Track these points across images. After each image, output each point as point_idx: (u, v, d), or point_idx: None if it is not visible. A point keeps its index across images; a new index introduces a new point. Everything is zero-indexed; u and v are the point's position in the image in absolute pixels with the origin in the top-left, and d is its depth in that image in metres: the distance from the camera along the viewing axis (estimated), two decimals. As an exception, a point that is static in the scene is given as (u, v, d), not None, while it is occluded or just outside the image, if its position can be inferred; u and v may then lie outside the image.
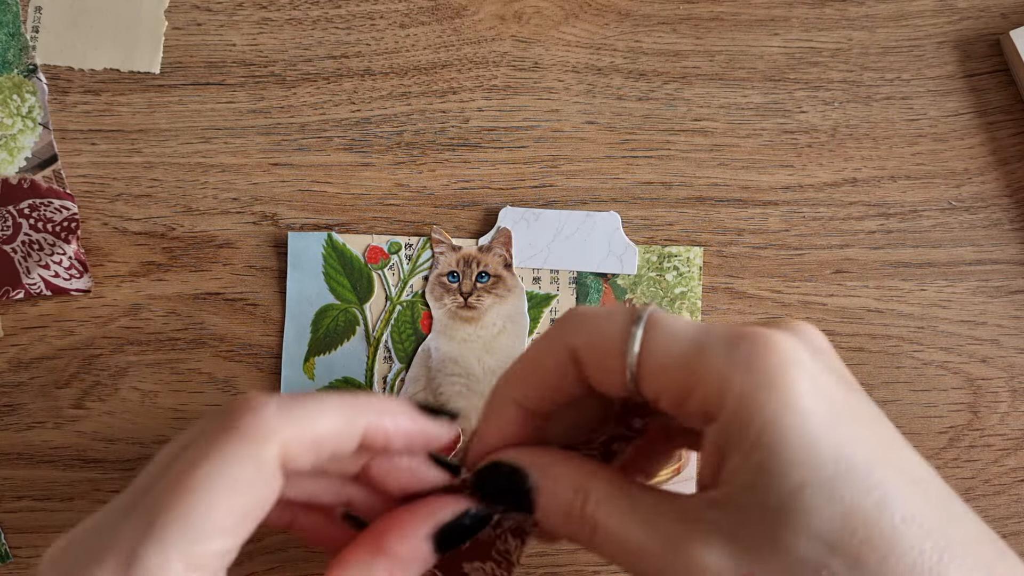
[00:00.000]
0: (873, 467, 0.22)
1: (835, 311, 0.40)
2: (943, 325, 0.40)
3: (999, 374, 0.40)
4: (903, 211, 0.40)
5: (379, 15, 0.40)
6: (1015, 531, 0.39)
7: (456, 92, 0.40)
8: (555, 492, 0.26)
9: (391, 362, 0.39)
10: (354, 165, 0.40)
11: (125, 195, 0.39)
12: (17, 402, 0.38)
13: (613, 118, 0.40)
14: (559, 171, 0.40)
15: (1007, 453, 0.40)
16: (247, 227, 0.39)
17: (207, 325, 0.39)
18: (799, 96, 0.41)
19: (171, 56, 0.40)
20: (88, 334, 0.39)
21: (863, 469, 0.22)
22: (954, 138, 0.41)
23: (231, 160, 0.39)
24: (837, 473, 0.22)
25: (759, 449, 0.22)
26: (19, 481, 0.38)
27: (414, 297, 0.39)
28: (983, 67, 0.41)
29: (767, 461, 0.22)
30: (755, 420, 0.22)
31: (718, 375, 0.23)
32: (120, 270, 0.39)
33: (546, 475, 0.26)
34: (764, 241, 0.40)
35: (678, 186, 0.40)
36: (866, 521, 0.21)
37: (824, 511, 0.21)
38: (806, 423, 0.22)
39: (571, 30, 0.40)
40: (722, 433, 0.23)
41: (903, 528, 0.21)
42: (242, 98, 0.40)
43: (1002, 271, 0.40)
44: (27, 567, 0.38)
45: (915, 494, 0.22)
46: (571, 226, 0.39)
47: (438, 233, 0.39)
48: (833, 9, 0.41)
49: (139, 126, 0.39)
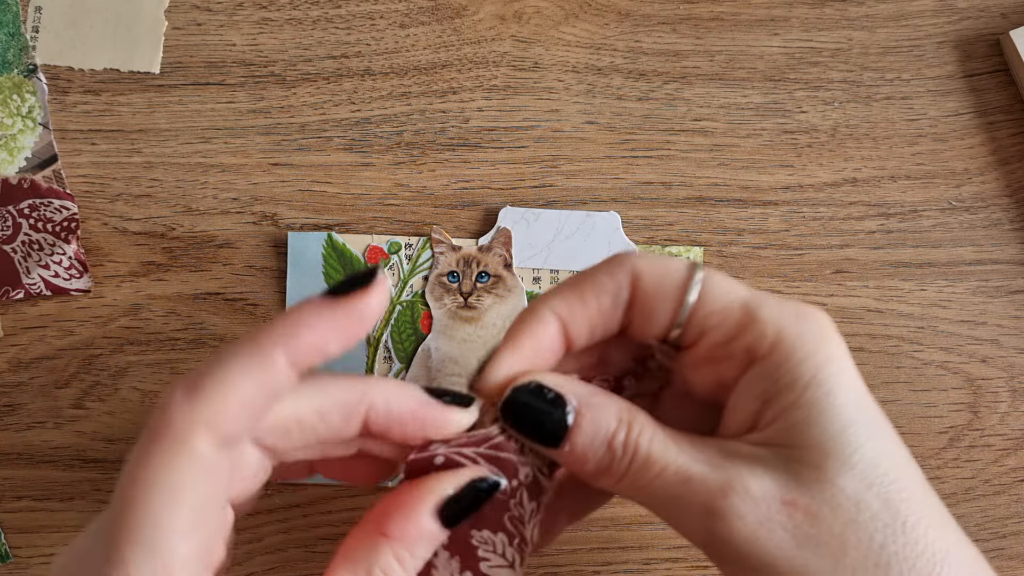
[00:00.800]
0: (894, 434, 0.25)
1: (835, 311, 0.40)
2: (943, 325, 0.40)
3: (999, 374, 0.40)
4: (903, 211, 0.40)
5: (379, 15, 0.40)
6: (1015, 531, 0.39)
7: (456, 92, 0.40)
8: (598, 420, 0.25)
9: (391, 362, 0.39)
10: (354, 165, 0.40)
11: (125, 195, 0.39)
12: (17, 402, 0.38)
13: (613, 118, 0.40)
14: (559, 171, 0.40)
15: (1007, 453, 0.40)
16: (247, 227, 0.39)
17: (207, 325, 0.39)
18: (799, 96, 0.41)
19: (171, 56, 0.40)
20: (88, 334, 0.39)
21: (889, 430, 0.25)
22: (954, 138, 0.41)
23: (231, 160, 0.39)
24: (874, 419, 0.24)
25: (813, 387, 0.24)
26: (19, 481, 0.38)
27: (414, 297, 0.39)
28: (983, 67, 0.41)
29: (821, 399, 0.24)
30: (809, 362, 0.24)
31: (775, 320, 0.25)
32: (120, 270, 0.39)
33: (588, 404, 0.26)
34: (764, 241, 0.40)
35: (678, 186, 0.40)
36: (896, 464, 0.24)
37: (866, 450, 0.24)
38: (851, 374, 0.25)
39: (571, 30, 0.40)
40: (769, 375, 0.25)
41: (923, 484, 0.25)
42: (242, 98, 0.40)
43: (1002, 271, 0.40)
44: (27, 567, 0.38)
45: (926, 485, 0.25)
46: (571, 226, 0.39)
47: (438, 233, 0.39)
48: (833, 9, 0.41)
49: (139, 126, 0.39)
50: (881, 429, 0.25)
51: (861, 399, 0.25)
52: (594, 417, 0.25)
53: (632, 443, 0.25)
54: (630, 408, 0.26)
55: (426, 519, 0.25)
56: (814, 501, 0.23)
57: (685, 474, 0.24)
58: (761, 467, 0.24)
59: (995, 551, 0.39)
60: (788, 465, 0.24)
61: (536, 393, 0.26)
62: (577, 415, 0.25)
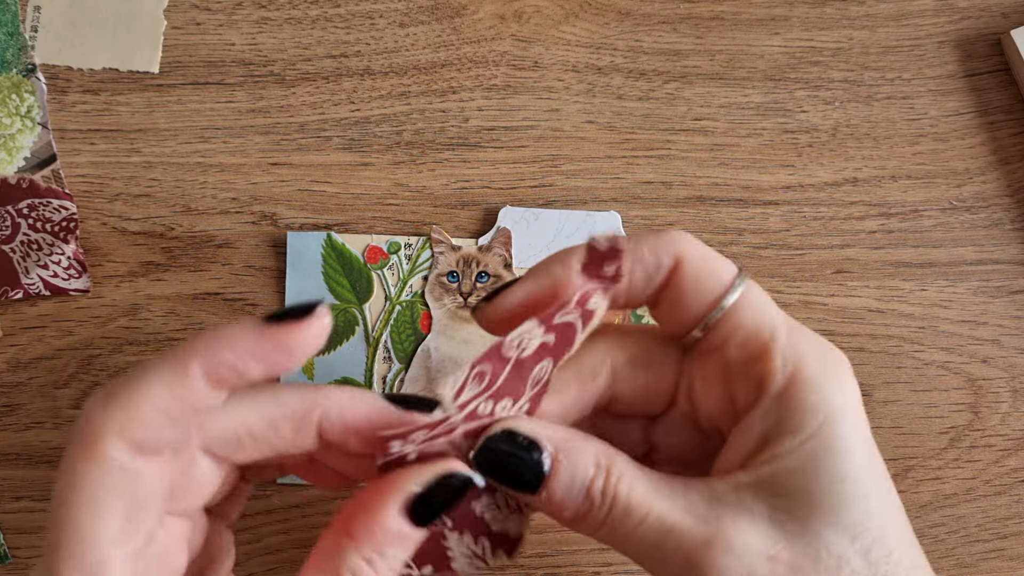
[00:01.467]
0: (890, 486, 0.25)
1: (836, 311, 0.40)
2: (944, 325, 0.40)
3: (1000, 374, 0.40)
4: (904, 211, 0.40)
5: (378, 14, 0.40)
6: (1016, 531, 0.39)
7: (456, 92, 0.40)
8: (575, 466, 0.24)
9: (390, 362, 0.39)
10: (353, 165, 0.39)
11: (124, 195, 0.39)
12: (16, 402, 0.38)
13: (613, 117, 0.40)
14: (559, 171, 0.40)
15: (1008, 453, 0.39)
16: (246, 227, 0.39)
17: (206, 325, 0.39)
18: (800, 96, 0.40)
19: (170, 56, 0.40)
20: (87, 334, 0.39)
21: (886, 482, 0.25)
22: (955, 138, 0.41)
23: (230, 160, 0.39)
24: (873, 476, 0.24)
25: (817, 438, 0.24)
26: (18, 481, 0.38)
27: (414, 297, 0.39)
28: (984, 67, 0.41)
29: (822, 452, 0.24)
30: (821, 410, 0.24)
31: (795, 354, 0.24)
32: (119, 270, 0.39)
33: (565, 449, 0.25)
34: (765, 241, 0.40)
35: (678, 186, 0.40)
36: (884, 523, 0.24)
37: (856, 506, 0.23)
38: (860, 428, 0.24)
39: (571, 29, 0.40)
40: (776, 415, 0.24)
41: (909, 541, 0.25)
42: (241, 98, 0.40)
43: (1003, 271, 0.40)
44: (26, 567, 0.38)
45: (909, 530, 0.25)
46: (571, 226, 0.39)
47: (438, 233, 0.39)
48: (834, 8, 0.41)
49: (138, 126, 0.39)
50: (878, 486, 0.24)
51: (864, 455, 0.24)
52: (571, 463, 0.24)
53: (611, 490, 0.24)
54: (609, 452, 0.25)
55: (392, 519, 0.24)
56: (797, 555, 0.23)
57: (667, 523, 0.24)
58: (746, 518, 0.23)
59: (996, 552, 0.39)
60: (774, 515, 0.23)
61: (510, 439, 0.25)
62: (554, 461, 0.24)
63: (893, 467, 0.39)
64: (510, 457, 0.24)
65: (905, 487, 0.39)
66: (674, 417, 0.28)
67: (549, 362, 0.25)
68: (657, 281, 0.25)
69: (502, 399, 0.25)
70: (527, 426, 0.25)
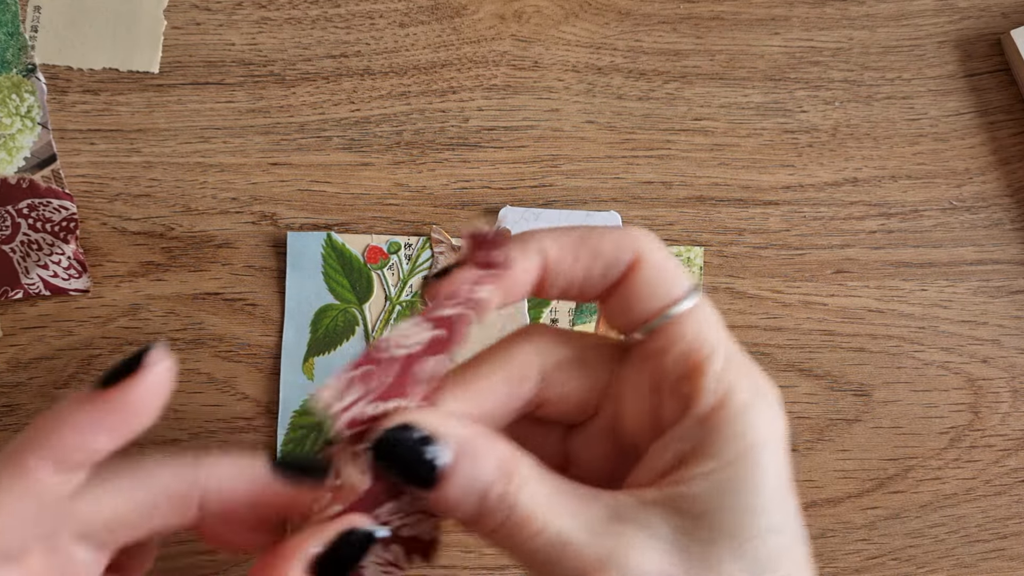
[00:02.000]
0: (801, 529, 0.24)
1: (836, 311, 0.40)
2: (944, 325, 0.40)
3: (1000, 374, 0.40)
4: (904, 211, 0.40)
5: (378, 14, 0.40)
6: (1016, 531, 0.39)
7: (456, 92, 0.40)
8: (475, 469, 0.23)
9: (391, 362, 0.39)
10: (353, 165, 0.39)
11: (124, 195, 0.39)
12: (16, 402, 0.38)
13: (613, 118, 0.40)
14: (559, 171, 0.40)
15: (1008, 453, 0.39)
16: (246, 227, 0.39)
17: (206, 325, 0.39)
18: (800, 96, 0.40)
19: (170, 55, 0.40)
20: (87, 334, 0.39)
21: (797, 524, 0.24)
22: (955, 138, 0.41)
23: (230, 160, 0.39)
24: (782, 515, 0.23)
25: (735, 466, 0.23)
26: (18, 481, 0.38)
27: (414, 297, 0.39)
28: (984, 67, 0.41)
29: (737, 479, 0.23)
30: (744, 439, 0.23)
31: (730, 381, 0.24)
32: (119, 270, 0.39)
33: (466, 450, 0.23)
34: (765, 241, 0.40)
35: (678, 186, 0.40)
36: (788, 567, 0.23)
37: (765, 540, 0.23)
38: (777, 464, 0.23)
39: (571, 29, 0.40)
40: (697, 437, 0.23)
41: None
42: (241, 98, 0.40)
43: (1003, 271, 0.40)
44: (26, 568, 0.38)
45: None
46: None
47: (438, 233, 0.39)
48: (834, 8, 0.41)
49: (138, 126, 0.39)
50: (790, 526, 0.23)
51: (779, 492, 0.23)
52: (471, 462, 0.23)
53: (511, 497, 0.23)
54: (515, 455, 0.24)
55: None
56: None
57: (564, 538, 0.23)
58: (646, 536, 0.23)
59: (996, 552, 0.39)
60: (677, 537, 0.23)
61: (408, 432, 0.23)
62: (454, 459, 0.23)
63: (893, 467, 0.39)
64: (407, 449, 0.23)
65: (905, 487, 0.39)
66: (594, 429, 0.27)
67: (445, 357, 0.25)
68: (613, 276, 0.25)
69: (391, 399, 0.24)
70: (429, 420, 0.24)
